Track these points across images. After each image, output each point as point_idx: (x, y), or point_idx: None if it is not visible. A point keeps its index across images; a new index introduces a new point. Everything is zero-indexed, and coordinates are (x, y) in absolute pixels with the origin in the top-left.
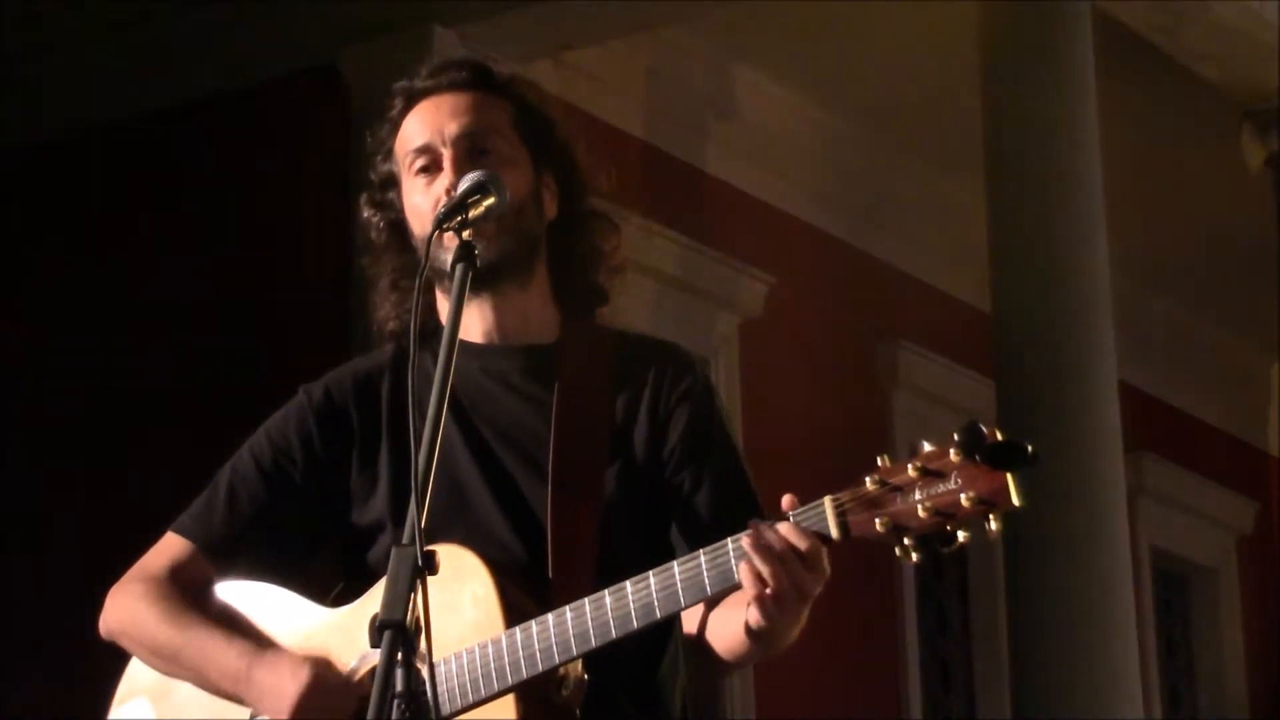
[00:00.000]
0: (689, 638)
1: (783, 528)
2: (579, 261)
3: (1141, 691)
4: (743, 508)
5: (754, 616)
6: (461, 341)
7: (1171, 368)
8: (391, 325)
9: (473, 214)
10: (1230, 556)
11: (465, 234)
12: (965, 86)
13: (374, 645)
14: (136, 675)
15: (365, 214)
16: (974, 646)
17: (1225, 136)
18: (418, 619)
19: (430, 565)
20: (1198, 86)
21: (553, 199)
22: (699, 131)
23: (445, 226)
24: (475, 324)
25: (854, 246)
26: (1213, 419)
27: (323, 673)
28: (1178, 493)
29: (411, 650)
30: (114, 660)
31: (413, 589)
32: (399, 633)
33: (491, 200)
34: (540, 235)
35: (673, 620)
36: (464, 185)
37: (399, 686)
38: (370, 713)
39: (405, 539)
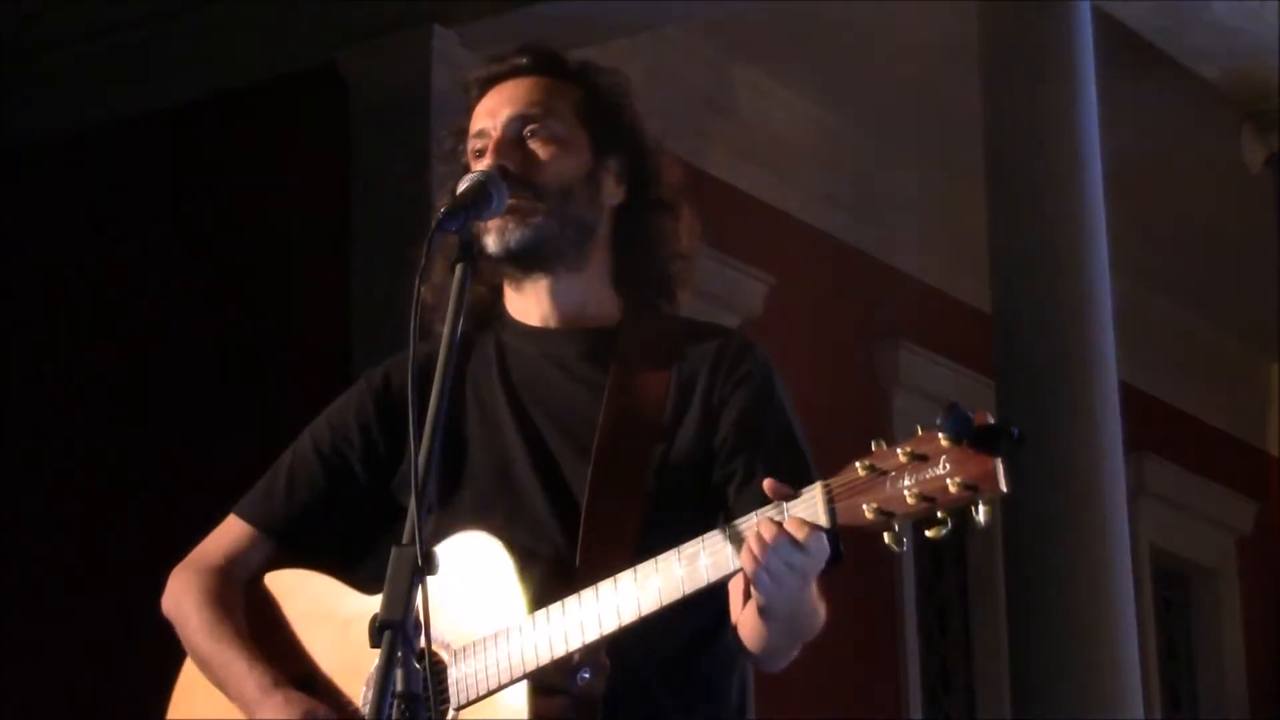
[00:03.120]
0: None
1: (789, 524)
2: (641, 248)
3: (1141, 691)
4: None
5: (755, 594)
6: (519, 325)
7: (1171, 368)
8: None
9: (472, 214)
10: (1230, 556)
11: (464, 234)
12: (965, 86)
13: (374, 645)
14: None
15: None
16: (974, 646)
17: (1225, 136)
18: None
19: (430, 565)
20: (1198, 86)
21: (618, 185)
22: (699, 131)
23: (445, 226)
24: (532, 308)
25: (854, 246)
26: (1213, 419)
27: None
28: (1178, 493)
29: (412, 650)
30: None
31: (413, 589)
32: (399, 633)
33: (492, 200)
34: (594, 219)
35: (721, 607)
36: (464, 185)
37: (399, 686)
38: (370, 713)
39: (405, 539)
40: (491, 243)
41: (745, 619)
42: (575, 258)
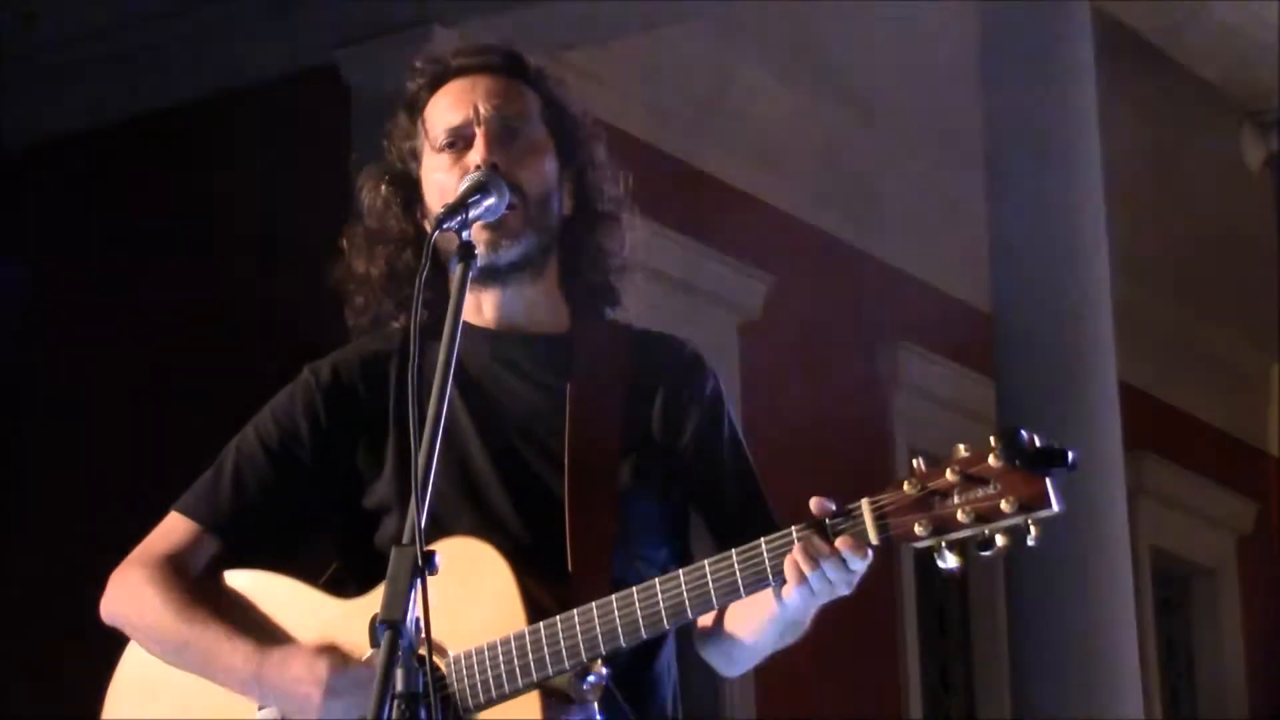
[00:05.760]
0: (703, 629)
1: (842, 543)
2: (591, 260)
3: (1141, 691)
4: (761, 503)
5: (788, 592)
6: (469, 324)
7: (1171, 368)
8: (400, 318)
9: (473, 214)
10: (1230, 556)
11: (465, 234)
12: (965, 86)
13: (374, 645)
14: (123, 678)
15: (379, 190)
16: (974, 647)
17: (1225, 136)
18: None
19: (430, 565)
20: (1198, 86)
21: (570, 195)
22: (699, 131)
23: (445, 226)
24: (484, 309)
25: (854, 246)
26: (1213, 419)
27: (340, 665)
28: (1178, 493)
29: (413, 650)
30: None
31: (413, 588)
32: (399, 632)
33: (492, 200)
34: (558, 229)
35: None
36: (464, 185)
37: (399, 686)
38: (370, 713)
39: (405, 539)
40: (479, 254)
41: (746, 624)
42: (537, 270)
